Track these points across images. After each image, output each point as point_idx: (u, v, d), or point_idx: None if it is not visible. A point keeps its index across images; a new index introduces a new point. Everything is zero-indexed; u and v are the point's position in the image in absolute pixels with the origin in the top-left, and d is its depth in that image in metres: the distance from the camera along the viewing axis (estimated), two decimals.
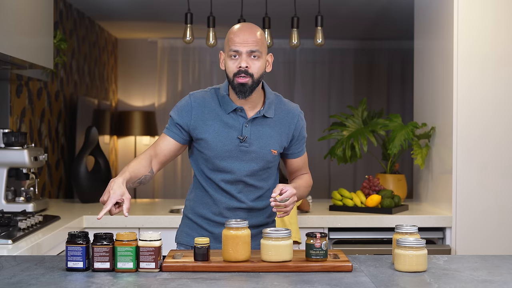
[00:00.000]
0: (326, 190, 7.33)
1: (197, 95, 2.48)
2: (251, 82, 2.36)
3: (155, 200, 4.65)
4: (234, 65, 2.37)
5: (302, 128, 2.55)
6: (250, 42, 2.36)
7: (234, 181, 2.45)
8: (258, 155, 2.44)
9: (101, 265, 2.00)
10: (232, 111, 2.43)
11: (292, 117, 2.52)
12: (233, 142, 2.42)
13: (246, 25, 2.42)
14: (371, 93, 7.55)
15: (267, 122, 2.47)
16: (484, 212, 3.69)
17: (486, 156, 3.69)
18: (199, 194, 2.51)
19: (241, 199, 2.46)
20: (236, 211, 2.47)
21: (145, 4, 5.43)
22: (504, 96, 3.70)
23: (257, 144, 2.44)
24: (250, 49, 2.36)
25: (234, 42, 2.36)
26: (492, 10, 3.70)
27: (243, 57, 2.36)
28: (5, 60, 2.89)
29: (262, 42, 2.40)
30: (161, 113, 7.30)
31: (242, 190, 2.46)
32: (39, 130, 4.55)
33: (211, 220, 2.48)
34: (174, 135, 2.47)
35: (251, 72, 2.36)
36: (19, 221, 2.86)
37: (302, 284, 1.86)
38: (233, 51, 2.36)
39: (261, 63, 2.39)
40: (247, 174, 2.45)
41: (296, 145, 2.56)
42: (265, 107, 2.46)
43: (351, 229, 3.70)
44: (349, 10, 5.58)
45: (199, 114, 2.43)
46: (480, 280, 1.94)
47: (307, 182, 2.60)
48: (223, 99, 2.44)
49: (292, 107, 2.55)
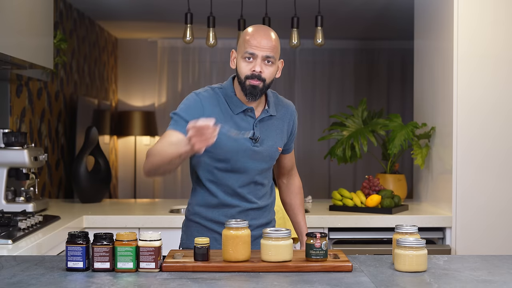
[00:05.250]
0: (326, 190, 7.33)
1: (205, 94, 2.44)
2: (262, 86, 2.37)
3: (155, 200, 4.65)
4: (248, 67, 2.36)
5: (296, 124, 2.61)
6: (267, 47, 2.34)
7: (247, 182, 2.45)
8: (268, 153, 2.47)
9: (101, 265, 1.99)
10: (241, 111, 2.43)
11: (290, 114, 2.57)
12: (246, 142, 2.42)
13: (263, 28, 2.40)
14: (371, 93, 7.55)
15: (272, 121, 2.49)
16: (484, 212, 3.69)
17: (486, 156, 3.69)
18: (206, 198, 2.48)
19: (251, 200, 2.48)
20: (247, 212, 2.47)
21: (145, 4, 5.42)
22: (504, 96, 3.70)
23: (266, 143, 2.46)
24: (266, 54, 2.35)
25: (250, 44, 2.34)
26: (491, 10, 3.69)
27: (258, 61, 2.35)
28: (5, 60, 2.89)
29: (277, 48, 2.39)
30: (161, 113, 7.30)
31: (252, 191, 2.47)
32: (39, 130, 4.55)
33: (222, 223, 2.42)
34: (183, 130, 2.32)
35: (264, 77, 2.36)
36: (19, 221, 2.85)
37: (302, 284, 1.86)
38: (248, 53, 2.35)
39: (274, 69, 2.39)
40: (258, 173, 2.47)
41: (290, 141, 2.61)
42: (270, 106, 2.47)
43: (351, 229, 3.70)
44: (349, 10, 5.58)
45: (209, 115, 2.38)
46: (480, 280, 1.94)
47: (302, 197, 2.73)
48: (231, 99, 2.43)
49: (288, 104, 2.59)
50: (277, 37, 2.41)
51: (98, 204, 4.08)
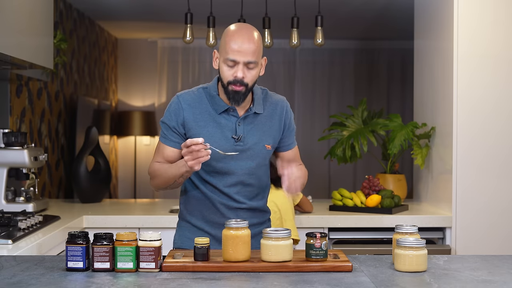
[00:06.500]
0: (326, 190, 7.33)
1: (186, 96, 2.45)
2: (244, 90, 2.36)
3: (155, 200, 4.65)
4: (230, 72, 2.35)
5: (290, 119, 2.56)
6: (248, 52, 2.32)
7: (233, 183, 2.45)
8: (253, 152, 2.45)
9: (101, 265, 1.99)
10: (224, 111, 2.42)
11: (280, 109, 2.53)
12: (228, 142, 2.41)
13: (243, 30, 2.36)
14: (371, 93, 7.55)
15: (258, 118, 2.47)
16: (484, 212, 3.69)
17: (486, 156, 3.69)
18: (196, 196, 2.49)
19: (239, 200, 2.46)
20: (237, 211, 2.47)
21: (145, 4, 5.42)
22: (504, 96, 3.70)
23: (251, 141, 2.44)
24: (248, 60, 2.33)
25: (232, 49, 2.32)
26: (491, 10, 3.69)
27: (239, 67, 2.33)
28: (5, 60, 2.89)
29: (259, 50, 2.37)
30: (161, 113, 7.30)
31: (240, 191, 2.46)
32: (39, 130, 4.55)
33: (213, 222, 2.46)
34: (175, 144, 2.43)
35: (247, 82, 2.35)
36: (19, 221, 2.85)
37: (302, 284, 1.86)
38: (230, 60, 2.33)
39: (256, 72, 2.38)
40: (245, 173, 2.45)
41: (287, 137, 2.57)
42: (254, 104, 2.45)
43: (351, 229, 3.70)
44: (349, 10, 5.58)
45: (190, 116, 2.41)
46: (480, 280, 1.94)
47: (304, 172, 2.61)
48: (213, 99, 2.43)
49: (279, 99, 2.55)
50: (259, 36, 2.38)
51: (98, 204, 4.08)
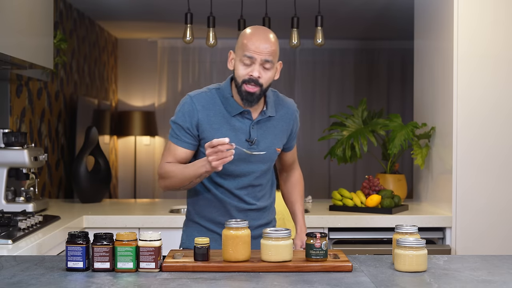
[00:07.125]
0: (326, 190, 7.33)
1: (199, 97, 2.42)
2: (259, 92, 2.34)
3: (155, 200, 4.65)
4: (246, 71, 2.33)
5: (297, 125, 2.59)
6: (265, 51, 2.31)
7: (244, 185, 2.45)
8: (265, 155, 2.44)
9: (101, 265, 1.99)
10: (238, 113, 2.41)
11: (291, 113, 2.54)
12: (242, 145, 2.39)
13: (262, 31, 2.36)
14: (371, 93, 7.55)
15: (270, 122, 2.47)
16: (484, 212, 3.69)
17: (486, 156, 3.69)
18: (206, 197, 2.48)
19: (249, 202, 2.47)
20: (246, 212, 2.47)
21: (145, 4, 5.43)
22: (504, 96, 3.70)
23: (264, 145, 2.44)
24: (265, 59, 2.31)
25: (248, 48, 2.31)
26: (491, 10, 3.69)
27: (256, 66, 2.32)
28: (5, 60, 2.89)
29: (276, 51, 2.36)
30: (161, 113, 7.30)
31: (250, 192, 2.46)
32: (39, 130, 4.55)
33: (222, 224, 2.43)
34: (188, 145, 2.40)
35: (261, 82, 2.33)
36: (19, 221, 2.85)
37: (302, 284, 1.86)
38: (246, 57, 2.31)
39: (272, 73, 2.37)
40: (256, 176, 2.45)
41: (291, 140, 2.59)
42: (268, 107, 2.45)
43: (351, 229, 3.70)
44: (349, 10, 5.58)
45: (204, 117, 2.38)
46: (480, 280, 1.94)
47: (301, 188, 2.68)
48: (227, 101, 2.40)
49: (289, 103, 2.57)
50: (276, 39, 2.37)
51: (98, 204, 4.08)
